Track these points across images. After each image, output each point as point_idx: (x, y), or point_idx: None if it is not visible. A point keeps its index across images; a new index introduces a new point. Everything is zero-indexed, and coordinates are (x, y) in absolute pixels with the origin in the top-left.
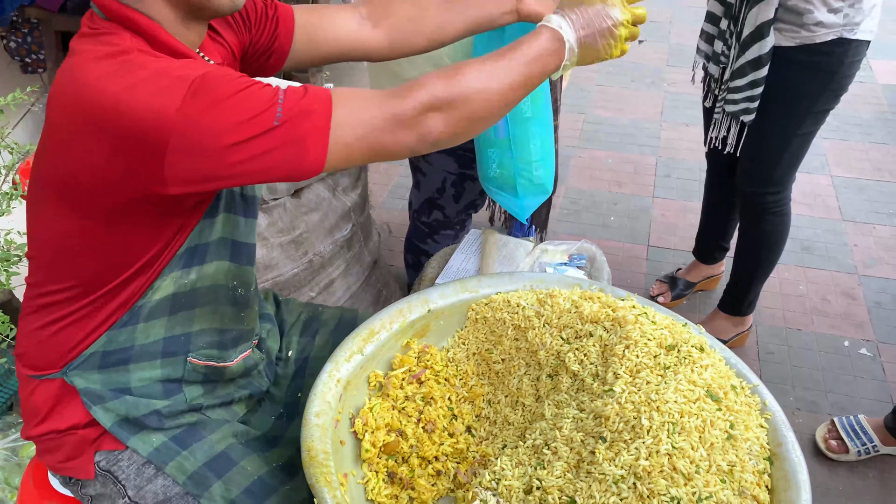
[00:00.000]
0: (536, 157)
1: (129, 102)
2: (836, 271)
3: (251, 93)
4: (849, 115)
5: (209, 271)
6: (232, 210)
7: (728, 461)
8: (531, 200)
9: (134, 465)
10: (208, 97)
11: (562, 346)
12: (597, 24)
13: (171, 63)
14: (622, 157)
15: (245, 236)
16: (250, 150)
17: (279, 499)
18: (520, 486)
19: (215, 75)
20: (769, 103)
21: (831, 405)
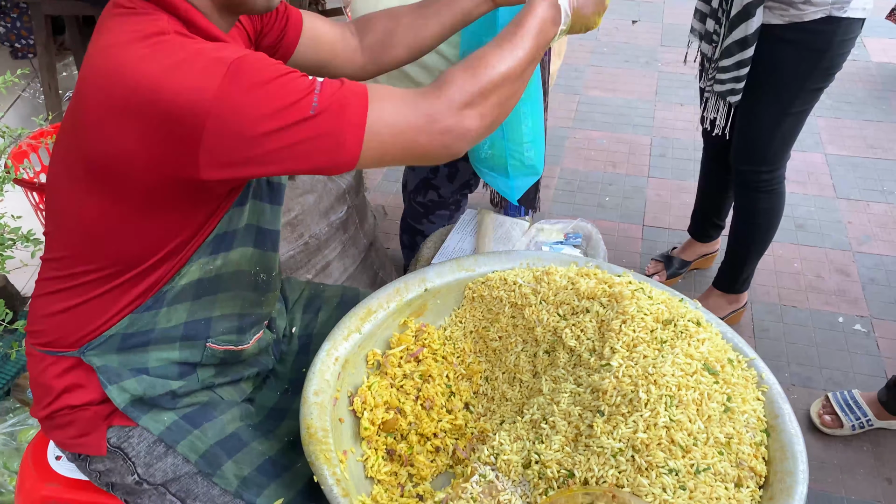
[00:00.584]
0: (528, 137)
1: (167, 84)
2: (831, 248)
3: (289, 80)
4: (842, 92)
5: (234, 257)
6: (258, 197)
7: (725, 433)
8: (522, 181)
9: (144, 442)
10: (246, 80)
11: (558, 322)
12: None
13: (207, 45)
14: (617, 137)
15: (270, 223)
16: (287, 139)
17: (290, 476)
18: (518, 460)
19: (253, 59)
20: (760, 82)
21: (826, 381)
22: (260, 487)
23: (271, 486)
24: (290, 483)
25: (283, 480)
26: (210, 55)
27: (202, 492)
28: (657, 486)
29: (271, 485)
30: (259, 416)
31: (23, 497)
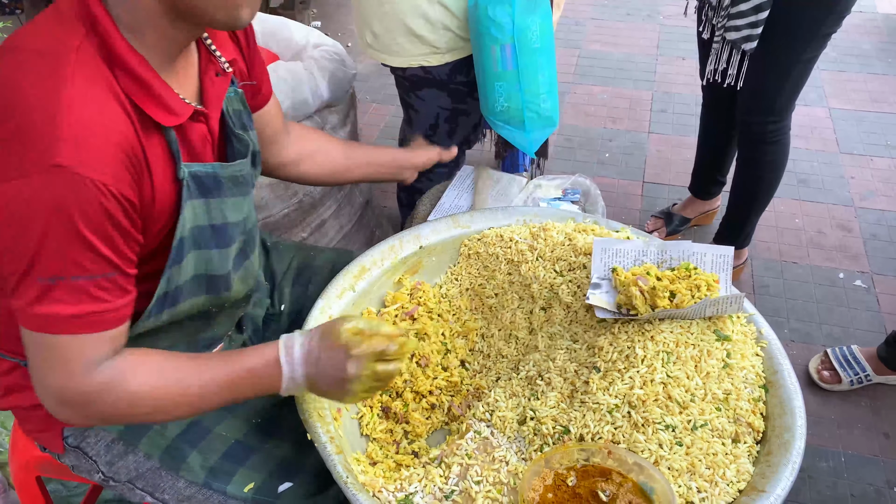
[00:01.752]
0: (544, 88)
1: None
2: (833, 204)
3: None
4: (848, 45)
5: (183, 308)
6: (202, 246)
7: (724, 389)
8: (539, 133)
9: (102, 441)
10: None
11: (555, 278)
12: (329, 370)
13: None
14: (617, 92)
15: (220, 268)
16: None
17: (261, 457)
18: (514, 416)
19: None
20: (772, 29)
21: (825, 336)
22: (228, 475)
23: (240, 470)
24: (261, 465)
25: (253, 463)
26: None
27: (168, 485)
28: (653, 441)
29: (240, 469)
30: None
31: (16, 457)
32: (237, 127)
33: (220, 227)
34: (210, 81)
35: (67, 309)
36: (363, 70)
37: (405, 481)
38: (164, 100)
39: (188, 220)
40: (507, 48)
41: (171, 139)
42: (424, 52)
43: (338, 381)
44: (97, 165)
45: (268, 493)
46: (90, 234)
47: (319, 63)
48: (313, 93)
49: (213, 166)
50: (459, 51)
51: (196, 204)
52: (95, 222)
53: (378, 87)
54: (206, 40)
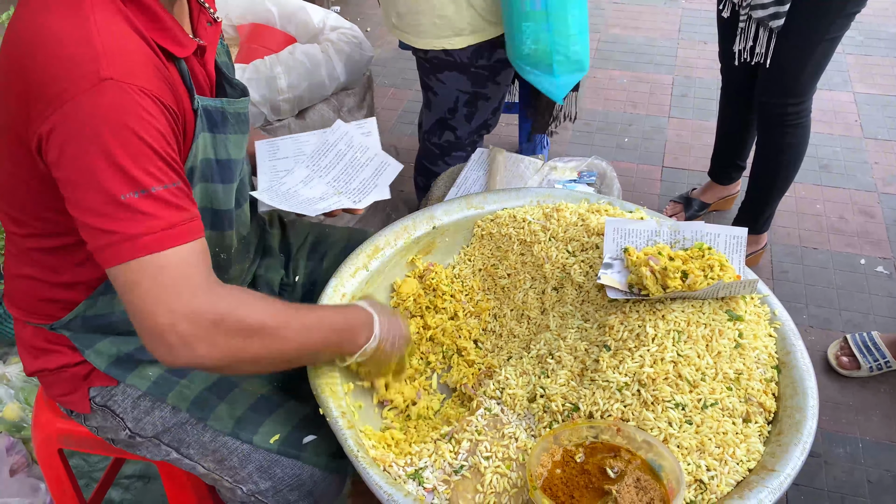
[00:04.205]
0: (574, 28)
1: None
2: (855, 189)
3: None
4: (874, 28)
5: None
6: (208, 179)
7: (735, 369)
8: (567, 78)
9: (129, 398)
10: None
11: (567, 258)
12: (395, 331)
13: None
14: (637, 76)
15: (224, 203)
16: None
17: (284, 413)
18: (524, 394)
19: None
20: (797, 6)
21: (844, 323)
22: (255, 425)
23: (266, 422)
24: (285, 419)
25: (278, 416)
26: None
27: (193, 439)
28: (663, 420)
29: (266, 421)
30: None
31: (38, 430)
32: (229, 73)
33: (224, 161)
34: (204, 29)
35: (159, 222)
36: (382, 54)
37: (415, 456)
38: (174, 33)
39: (200, 150)
40: None
41: (184, 70)
42: (448, 34)
43: (402, 339)
44: (141, 75)
45: (292, 444)
46: (152, 141)
47: (336, 46)
48: (329, 75)
49: (221, 101)
50: (482, 33)
51: (206, 136)
52: (152, 129)
53: (396, 71)
54: None
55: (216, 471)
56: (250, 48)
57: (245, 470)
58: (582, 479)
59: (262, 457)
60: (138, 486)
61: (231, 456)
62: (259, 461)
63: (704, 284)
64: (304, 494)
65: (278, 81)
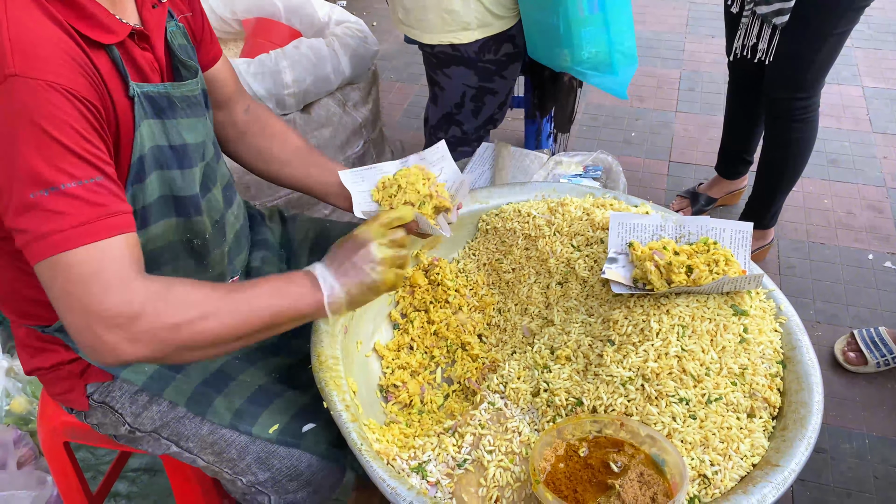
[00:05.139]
0: (626, 25)
1: None
2: (864, 184)
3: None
4: (883, 22)
5: (157, 231)
6: (163, 166)
7: (740, 364)
8: (626, 73)
9: (126, 393)
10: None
11: (572, 253)
12: (358, 263)
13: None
14: (645, 70)
15: (187, 189)
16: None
17: (283, 403)
18: (527, 388)
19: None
20: (807, 2)
21: (852, 318)
22: (253, 417)
23: (264, 413)
24: (283, 409)
25: (276, 407)
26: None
27: (192, 433)
28: (667, 414)
29: (264, 412)
30: (247, 348)
31: (44, 424)
32: (185, 57)
33: (179, 147)
34: (149, 12)
35: (68, 220)
36: (388, 49)
37: (419, 450)
38: (98, 19)
39: (146, 138)
40: None
41: (116, 57)
42: (454, 28)
43: (368, 266)
44: (50, 69)
45: (291, 434)
46: (62, 137)
47: (341, 40)
48: (335, 69)
49: (164, 86)
50: (489, 28)
51: (152, 123)
52: (63, 124)
53: (402, 65)
54: None
55: (215, 463)
56: (255, 42)
57: (243, 462)
58: (585, 473)
59: (261, 448)
60: (144, 478)
61: (229, 448)
62: (257, 452)
63: (709, 279)
64: (302, 484)
65: (283, 76)
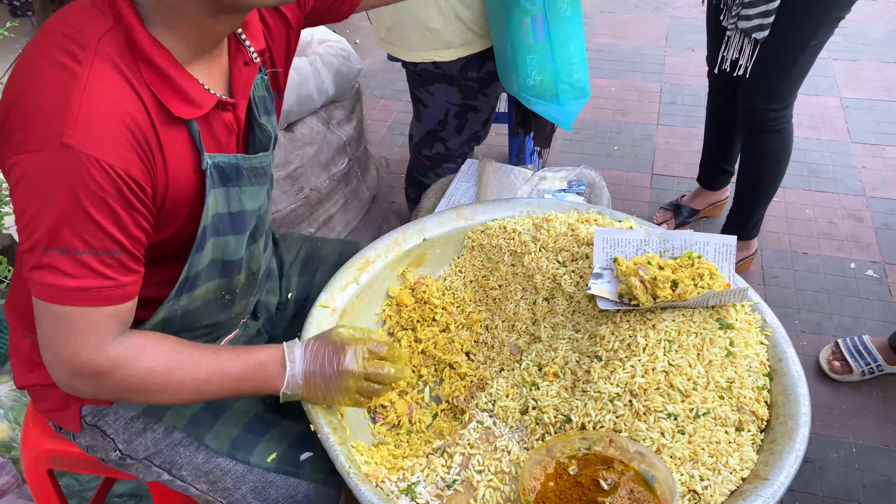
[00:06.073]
0: (576, 58)
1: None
2: (844, 194)
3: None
4: (860, 34)
5: (199, 293)
6: (220, 233)
7: (727, 378)
8: (573, 105)
9: (121, 419)
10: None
11: (558, 269)
12: (327, 365)
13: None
14: (626, 84)
15: (235, 254)
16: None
17: (280, 430)
18: (516, 406)
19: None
20: (785, 14)
21: (836, 327)
22: (251, 446)
23: (262, 441)
24: (280, 437)
25: (273, 435)
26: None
27: (186, 461)
28: (655, 430)
29: (262, 441)
30: None
31: (27, 450)
32: (261, 114)
33: (237, 214)
34: (238, 71)
35: (71, 282)
36: (371, 66)
37: (408, 471)
38: (186, 93)
39: (211, 208)
40: (538, 18)
41: (194, 130)
42: (436, 46)
43: (336, 374)
44: (103, 146)
45: (290, 462)
46: (93, 210)
47: (324, 59)
48: (318, 88)
49: (236, 157)
50: (471, 46)
51: (218, 192)
52: (100, 200)
53: (386, 82)
54: (237, 31)
55: (209, 492)
56: None
57: (239, 491)
58: (575, 491)
59: (257, 477)
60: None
61: (225, 477)
62: (254, 482)
63: (694, 293)
64: None
65: None
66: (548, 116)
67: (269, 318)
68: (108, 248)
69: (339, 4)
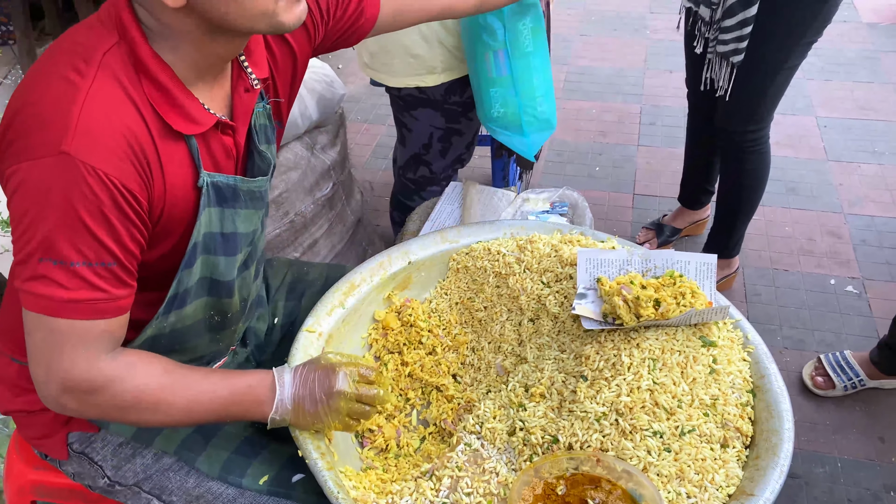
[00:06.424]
0: (539, 91)
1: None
2: (822, 211)
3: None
4: (833, 54)
5: (189, 311)
6: (210, 251)
7: (711, 395)
8: (537, 137)
9: (109, 445)
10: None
11: (542, 290)
12: (317, 388)
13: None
14: (606, 106)
15: (225, 274)
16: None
17: (268, 455)
18: (503, 428)
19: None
20: (760, 38)
21: (818, 343)
22: (242, 469)
23: (253, 464)
24: (271, 460)
25: (264, 458)
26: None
27: (176, 486)
28: (642, 448)
29: (253, 463)
30: None
31: (11, 482)
32: (261, 142)
33: (229, 235)
34: (240, 97)
35: (65, 293)
36: (354, 91)
37: (396, 495)
38: (185, 109)
39: (203, 225)
40: (500, 53)
41: (193, 147)
42: (420, 72)
43: (325, 395)
44: (102, 155)
45: (281, 484)
46: (89, 220)
47: (308, 84)
48: (302, 114)
49: (234, 178)
50: (454, 71)
51: (212, 211)
52: (96, 210)
53: (369, 107)
54: (240, 57)
55: None
56: None
57: None
58: None
59: (249, 501)
60: None
61: (216, 501)
62: None
63: (677, 312)
64: None
65: None
66: (512, 146)
67: (258, 345)
68: (102, 259)
69: (350, 35)
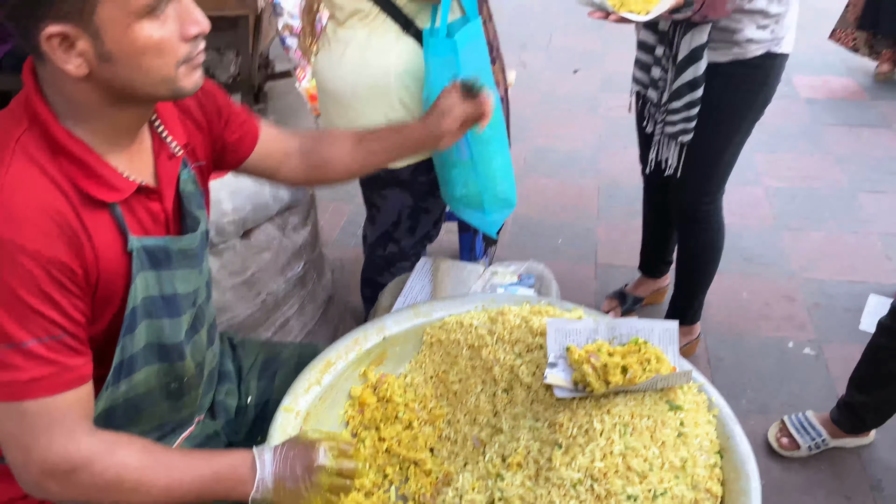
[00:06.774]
0: (499, 174)
1: None
2: (776, 277)
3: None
4: (777, 129)
5: (140, 378)
6: (152, 315)
7: (680, 457)
8: (498, 215)
9: None
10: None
11: (514, 360)
12: (297, 465)
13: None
14: (564, 182)
15: (172, 337)
16: None
17: None
18: (483, 499)
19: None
20: (707, 118)
21: (781, 405)
22: None
23: None
24: None
25: None
26: None
27: None
28: None
29: None
30: None
31: None
32: (193, 208)
33: (170, 297)
34: (162, 164)
35: (24, 374)
36: None
37: None
38: (104, 178)
39: (140, 290)
40: (461, 140)
41: (117, 214)
42: None
43: (306, 471)
44: (30, 235)
45: None
46: (28, 297)
47: None
48: (274, 196)
49: (164, 240)
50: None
51: (147, 275)
52: (35, 287)
53: (337, 186)
54: (158, 126)
55: None
56: None
57: None
58: None
59: None
60: None
61: None
62: None
63: (643, 378)
64: None
65: (222, 205)
66: (474, 224)
67: (229, 422)
68: (51, 332)
69: (229, 152)
